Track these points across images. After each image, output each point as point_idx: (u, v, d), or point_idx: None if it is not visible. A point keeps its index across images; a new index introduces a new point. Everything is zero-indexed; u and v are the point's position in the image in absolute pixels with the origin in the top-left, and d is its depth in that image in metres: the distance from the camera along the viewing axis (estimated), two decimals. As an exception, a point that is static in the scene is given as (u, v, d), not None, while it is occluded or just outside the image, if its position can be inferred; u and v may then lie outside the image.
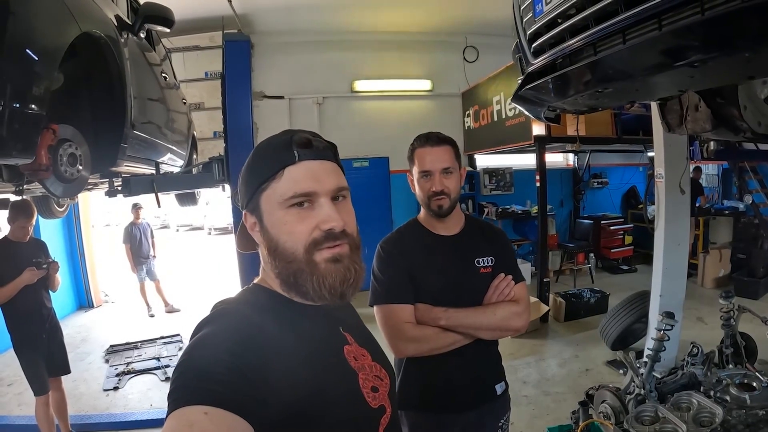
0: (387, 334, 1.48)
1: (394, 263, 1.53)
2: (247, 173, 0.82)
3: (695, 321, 5.09)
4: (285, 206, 0.77)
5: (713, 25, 0.82)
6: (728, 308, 3.00)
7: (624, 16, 0.96)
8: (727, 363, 2.89)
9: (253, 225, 0.82)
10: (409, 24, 6.98)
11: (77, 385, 4.24)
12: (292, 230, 0.77)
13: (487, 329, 1.48)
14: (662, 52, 0.99)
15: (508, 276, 1.54)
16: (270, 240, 0.79)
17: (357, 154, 7.27)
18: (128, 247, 6.60)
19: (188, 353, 0.68)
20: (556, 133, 5.37)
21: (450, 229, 1.60)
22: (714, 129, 2.16)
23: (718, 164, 8.00)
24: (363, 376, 0.84)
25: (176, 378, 0.65)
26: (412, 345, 1.47)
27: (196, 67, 6.17)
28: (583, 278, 7.20)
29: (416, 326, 1.47)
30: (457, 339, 1.47)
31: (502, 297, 1.52)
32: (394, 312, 1.48)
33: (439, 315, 1.46)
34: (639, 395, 2.52)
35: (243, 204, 0.84)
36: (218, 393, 0.61)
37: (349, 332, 0.90)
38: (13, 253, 3.09)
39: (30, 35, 1.48)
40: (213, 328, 0.72)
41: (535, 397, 3.69)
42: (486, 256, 1.57)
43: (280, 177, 0.77)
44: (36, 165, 1.66)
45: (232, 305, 0.80)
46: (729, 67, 1.05)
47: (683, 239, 3.68)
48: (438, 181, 1.50)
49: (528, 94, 1.59)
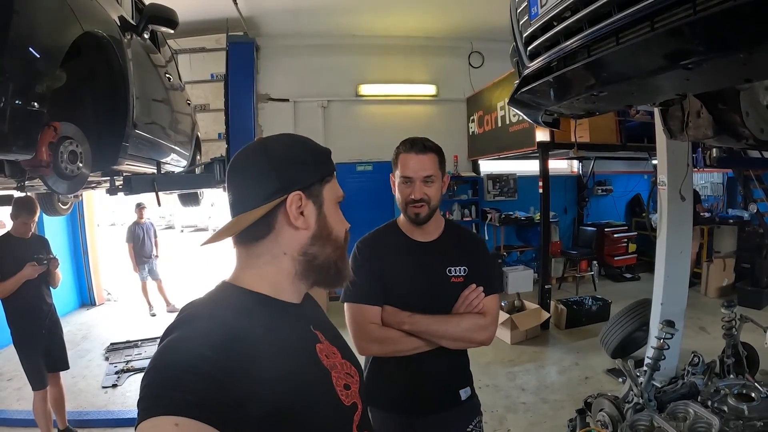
0: (353, 332, 1.52)
1: (367, 264, 1.55)
2: (310, 156, 0.85)
3: (697, 330, 5.05)
4: (337, 200, 0.88)
5: (706, 25, 0.81)
6: (730, 318, 2.97)
7: (617, 17, 0.95)
8: (728, 373, 2.86)
9: (299, 207, 0.81)
10: (415, 29, 6.99)
11: (76, 382, 4.27)
12: (341, 221, 0.89)
13: (450, 339, 1.49)
14: (656, 54, 0.98)
15: (479, 288, 1.53)
16: (326, 226, 0.85)
17: (361, 158, 7.29)
18: (131, 246, 6.62)
19: (158, 358, 0.66)
20: (560, 139, 5.35)
21: (427, 235, 1.60)
22: (716, 135, 2.15)
23: (723, 173, 7.93)
24: (335, 375, 0.84)
25: (146, 385, 0.63)
26: (375, 345, 1.50)
27: (203, 68, 6.20)
28: (586, 286, 7.17)
29: (381, 328, 1.49)
30: (420, 344, 1.48)
31: (470, 308, 1.51)
32: (362, 312, 1.51)
33: (404, 319, 1.48)
34: (637, 404, 2.50)
35: (292, 186, 0.81)
36: (189, 402, 0.59)
37: (320, 330, 0.89)
38: (14, 249, 3.12)
39: (32, 34, 1.50)
40: (183, 331, 0.71)
41: (533, 404, 3.67)
42: (459, 266, 1.56)
43: (334, 177, 0.89)
44: (37, 161, 1.68)
45: (202, 306, 0.78)
46: (724, 69, 1.04)
47: (685, 247, 3.65)
48: (418, 189, 1.50)
49: (524, 98, 1.59)
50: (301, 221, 0.82)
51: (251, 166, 0.82)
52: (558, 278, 7.32)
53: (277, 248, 0.82)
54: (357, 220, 5.65)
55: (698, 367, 2.87)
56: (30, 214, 3.19)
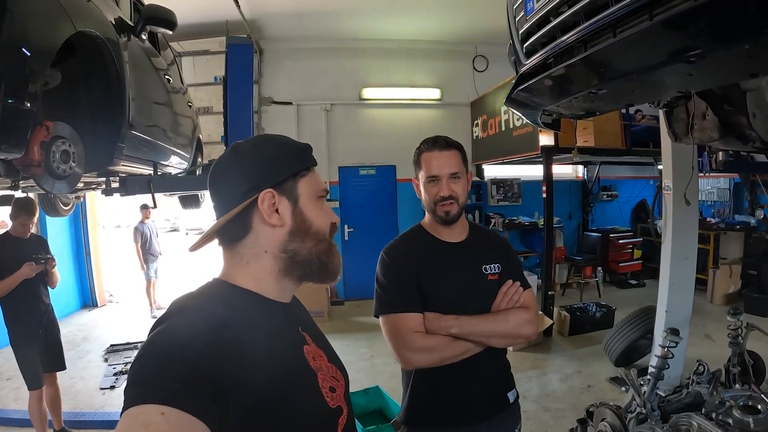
0: (395, 344, 1.42)
1: (400, 270, 1.48)
2: (279, 153, 0.85)
3: (703, 338, 4.96)
4: (317, 194, 0.87)
5: (708, 12, 0.76)
6: (736, 326, 2.91)
7: (614, 8, 0.91)
8: (733, 382, 2.78)
9: (273, 205, 0.81)
10: (419, 32, 6.98)
11: (75, 383, 4.26)
12: (324, 215, 0.87)
13: (500, 336, 1.44)
14: (655, 46, 0.94)
15: (516, 282, 1.50)
16: (304, 221, 0.84)
17: (364, 162, 7.28)
18: (138, 245, 6.66)
19: (147, 347, 0.67)
20: (564, 143, 5.30)
21: (455, 236, 1.56)
22: (722, 138, 2.10)
23: (730, 177, 7.83)
24: (321, 377, 0.84)
25: (134, 372, 0.64)
26: (422, 355, 1.40)
27: (206, 71, 6.23)
28: (590, 292, 7.08)
29: (426, 336, 1.41)
30: (469, 347, 1.41)
31: (512, 303, 1.47)
32: (402, 321, 1.42)
33: (451, 323, 1.40)
34: (640, 414, 2.44)
35: (263, 184, 0.81)
36: (176, 392, 0.60)
37: (307, 332, 0.90)
38: (13, 248, 3.12)
39: (24, 33, 1.48)
40: (173, 322, 0.72)
41: (534, 412, 3.59)
42: (493, 263, 1.53)
43: (312, 171, 0.88)
44: (28, 160, 1.67)
45: (192, 300, 0.78)
46: (729, 63, 0.99)
47: (691, 253, 3.59)
48: (446, 186, 1.46)
49: (521, 97, 1.55)
50: (276, 218, 0.82)
51: (224, 170, 0.85)
52: (562, 284, 7.25)
53: (257, 247, 0.83)
54: (360, 224, 5.67)
55: (703, 376, 2.81)
56: (29, 215, 3.19)
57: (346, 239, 7.02)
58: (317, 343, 0.90)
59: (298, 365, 0.82)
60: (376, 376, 4.29)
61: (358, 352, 4.96)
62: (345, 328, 5.80)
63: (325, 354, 0.90)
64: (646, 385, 2.66)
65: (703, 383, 2.77)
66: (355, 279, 6.81)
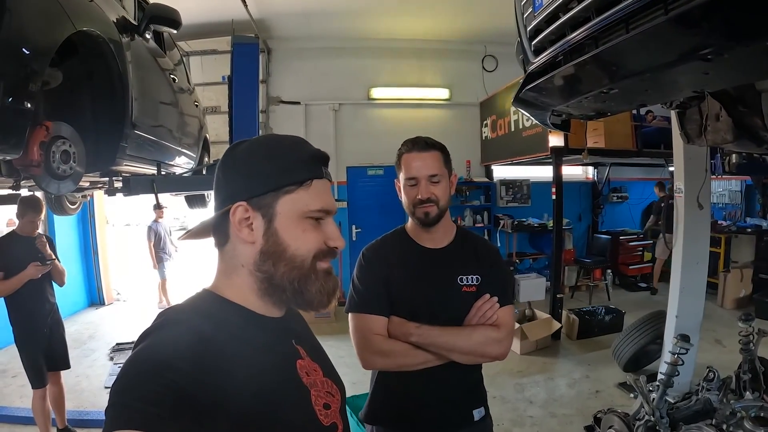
0: (357, 344, 1.43)
1: (372, 272, 1.47)
2: (262, 165, 0.77)
3: (713, 343, 4.85)
4: (305, 215, 0.77)
5: (727, 6, 0.72)
6: (747, 332, 2.84)
7: (627, 2, 0.86)
8: (744, 390, 2.71)
9: (245, 220, 0.76)
10: (428, 32, 6.92)
11: (79, 381, 4.26)
12: (308, 238, 0.78)
13: (461, 352, 1.38)
14: (670, 43, 0.89)
15: (493, 298, 1.43)
16: (277, 243, 0.76)
17: (372, 162, 7.24)
18: (151, 243, 6.67)
19: (128, 366, 0.65)
20: (574, 144, 5.23)
21: (436, 241, 1.51)
22: (736, 140, 2.04)
23: (741, 180, 7.70)
24: (315, 393, 0.80)
25: (114, 392, 0.61)
26: (380, 359, 1.41)
27: (214, 70, 6.22)
28: (600, 295, 6.99)
29: (387, 340, 1.40)
30: (429, 358, 1.38)
31: (483, 320, 1.41)
32: (366, 322, 1.42)
33: (411, 331, 1.37)
34: (649, 422, 2.38)
35: (240, 195, 0.76)
36: (155, 416, 0.57)
37: (302, 345, 0.85)
38: (19, 248, 3.12)
39: (22, 32, 1.47)
40: (156, 339, 0.69)
41: (540, 418, 3.54)
42: (471, 275, 1.46)
43: (308, 186, 0.78)
44: (27, 161, 1.66)
45: (178, 314, 0.75)
46: (749, 61, 0.93)
47: (702, 257, 3.51)
48: (424, 189, 1.42)
49: (529, 96, 1.50)
50: (246, 233, 0.77)
51: (219, 170, 0.82)
52: (571, 287, 7.16)
53: (235, 259, 0.79)
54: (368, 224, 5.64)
55: (713, 382, 2.74)
56: (36, 213, 3.19)
57: (354, 239, 6.98)
58: (312, 356, 0.86)
59: (289, 381, 0.78)
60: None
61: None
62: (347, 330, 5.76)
63: (321, 368, 0.86)
64: (655, 391, 2.60)
65: (713, 390, 2.71)
66: (361, 280, 6.75)
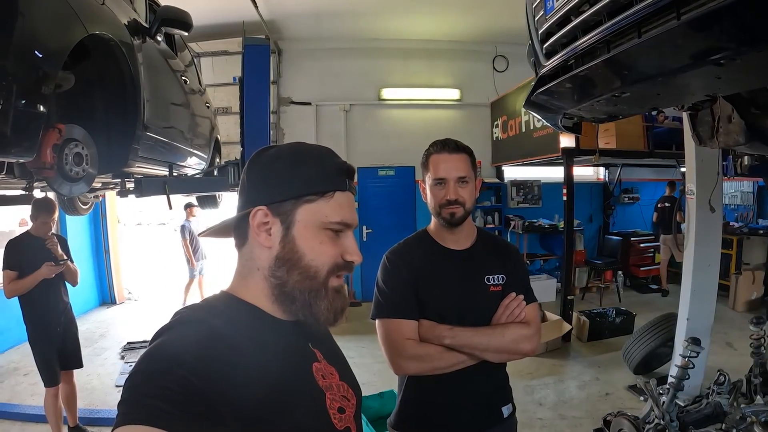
0: (387, 350, 1.41)
1: (399, 275, 1.46)
2: (288, 172, 0.78)
3: (724, 346, 4.79)
4: (324, 226, 0.78)
5: (740, 11, 0.71)
6: (759, 335, 2.81)
7: (639, 6, 0.86)
8: (755, 393, 2.69)
9: (264, 225, 0.77)
10: (438, 32, 6.92)
11: (90, 380, 4.30)
12: (324, 250, 0.78)
13: (494, 351, 1.38)
14: (682, 48, 0.88)
15: (519, 296, 1.45)
16: (294, 251, 0.77)
17: (383, 163, 7.25)
18: (186, 241, 6.64)
19: (141, 362, 0.65)
20: (585, 145, 5.20)
21: (460, 242, 1.51)
22: (748, 142, 2.01)
23: (753, 181, 7.60)
24: (330, 396, 0.80)
25: (127, 388, 0.62)
26: (413, 363, 1.39)
27: (225, 71, 6.26)
28: (610, 296, 6.92)
29: (419, 344, 1.39)
30: (462, 359, 1.38)
31: (512, 318, 1.42)
32: (397, 327, 1.40)
33: (444, 333, 1.37)
34: (658, 425, 2.36)
35: (261, 200, 0.78)
36: (167, 413, 0.58)
37: (318, 348, 0.85)
38: (33, 248, 3.16)
39: (35, 36, 1.49)
40: (169, 336, 0.69)
41: (550, 420, 3.52)
42: (496, 274, 1.47)
43: (329, 197, 0.78)
44: (40, 163, 1.68)
45: (194, 313, 0.76)
46: (762, 66, 0.92)
47: (714, 260, 3.46)
48: (452, 190, 1.42)
49: (541, 100, 1.49)
50: (264, 238, 0.78)
51: (245, 172, 0.82)
52: (582, 288, 7.11)
53: (252, 262, 0.80)
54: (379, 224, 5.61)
55: (724, 386, 2.72)
56: (49, 214, 3.22)
57: (365, 240, 6.99)
58: (329, 359, 0.86)
59: (303, 383, 0.78)
60: (392, 379, 4.23)
61: (374, 354, 4.91)
62: (361, 330, 5.76)
63: (338, 371, 0.86)
64: (665, 395, 2.58)
65: (724, 394, 2.68)
66: (373, 280, 6.73)
